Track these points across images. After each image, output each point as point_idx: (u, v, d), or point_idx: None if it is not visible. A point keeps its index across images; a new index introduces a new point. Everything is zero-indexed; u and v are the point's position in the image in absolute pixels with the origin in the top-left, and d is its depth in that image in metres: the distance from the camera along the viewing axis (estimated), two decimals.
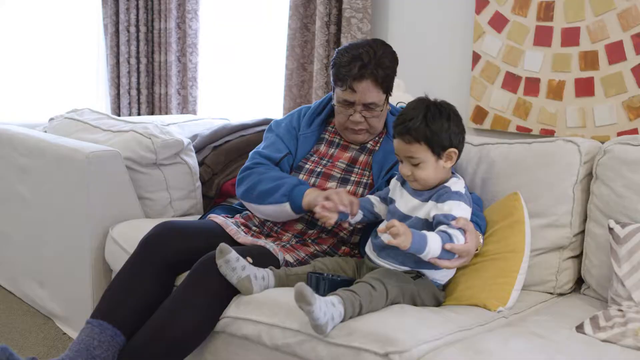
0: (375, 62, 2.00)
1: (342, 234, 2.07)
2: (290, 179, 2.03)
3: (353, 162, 2.14)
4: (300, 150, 2.18)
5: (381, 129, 2.16)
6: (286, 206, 1.99)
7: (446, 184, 1.79)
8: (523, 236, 1.92)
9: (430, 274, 1.82)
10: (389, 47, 2.09)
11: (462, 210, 1.75)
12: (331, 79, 2.09)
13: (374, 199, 1.96)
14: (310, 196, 1.95)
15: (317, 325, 1.56)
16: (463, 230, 1.72)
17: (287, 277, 1.85)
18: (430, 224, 1.76)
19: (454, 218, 1.72)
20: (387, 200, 1.91)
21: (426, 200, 1.79)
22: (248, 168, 2.14)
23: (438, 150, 1.75)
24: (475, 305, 1.83)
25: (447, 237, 1.69)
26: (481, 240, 1.90)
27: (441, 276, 1.85)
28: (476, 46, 2.63)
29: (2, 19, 4.14)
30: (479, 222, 1.95)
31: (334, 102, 2.10)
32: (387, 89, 2.06)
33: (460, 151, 1.80)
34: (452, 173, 1.85)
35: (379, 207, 1.94)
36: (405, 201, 1.83)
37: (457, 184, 1.79)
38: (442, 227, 1.71)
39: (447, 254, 1.70)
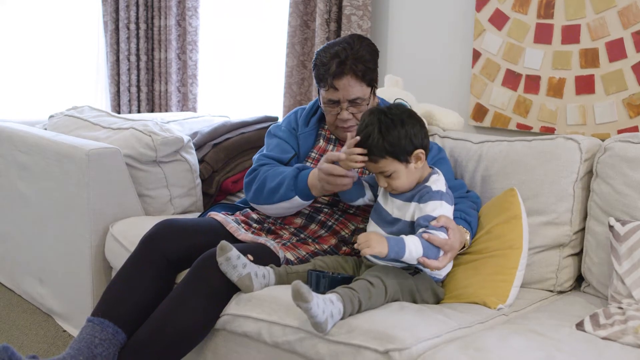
0: (353, 57, 1.99)
1: (343, 233, 2.07)
2: (289, 171, 2.01)
3: None
4: (303, 149, 2.18)
5: None
6: (296, 199, 1.98)
7: (427, 183, 1.80)
8: (520, 232, 1.92)
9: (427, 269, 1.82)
10: (367, 40, 2.08)
11: (444, 209, 1.76)
12: (314, 81, 2.09)
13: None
14: (314, 187, 1.94)
15: (317, 323, 1.56)
16: (445, 229, 1.73)
17: (287, 275, 1.85)
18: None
19: (433, 219, 1.73)
20: (373, 188, 1.93)
21: (409, 200, 1.80)
22: (253, 170, 2.13)
23: (404, 157, 1.75)
24: (475, 302, 1.84)
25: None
26: (468, 238, 1.90)
27: (438, 270, 1.85)
28: (476, 44, 2.63)
29: (2, 17, 4.14)
30: (470, 219, 1.96)
31: (321, 104, 2.10)
32: (370, 82, 2.04)
33: (426, 148, 1.80)
34: (431, 168, 1.86)
35: (366, 186, 1.94)
36: (391, 204, 1.84)
37: (437, 183, 1.80)
38: (423, 229, 1.73)
39: (432, 252, 1.70)
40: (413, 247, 1.68)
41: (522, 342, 1.52)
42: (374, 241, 1.66)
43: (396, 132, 1.73)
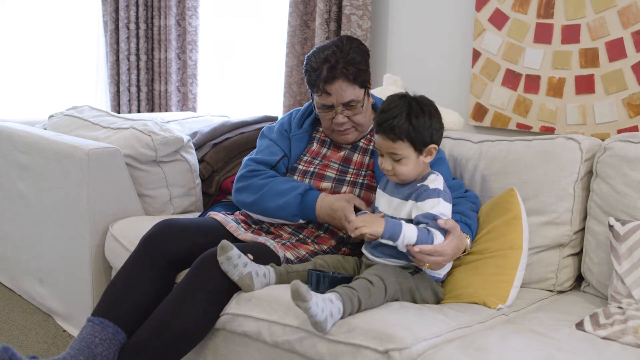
0: (344, 60, 1.98)
1: (342, 234, 2.07)
2: (293, 197, 2.01)
3: (346, 161, 2.13)
4: (294, 152, 2.18)
5: (369, 124, 2.15)
6: (300, 222, 2.04)
7: (424, 183, 1.80)
8: (520, 232, 1.92)
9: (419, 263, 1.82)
10: (357, 41, 2.07)
11: (442, 207, 1.77)
12: (307, 86, 2.09)
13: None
14: (319, 217, 1.99)
15: (316, 322, 1.56)
16: (445, 231, 1.74)
17: (287, 275, 1.85)
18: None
19: (433, 217, 1.74)
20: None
21: (406, 199, 1.80)
22: (243, 177, 2.14)
23: (420, 147, 1.77)
24: (475, 302, 1.84)
25: (426, 233, 1.72)
26: (468, 242, 1.90)
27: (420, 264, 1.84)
28: (476, 43, 2.63)
29: (2, 17, 4.14)
30: (469, 222, 1.95)
31: (315, 109, 2.10)
32: (363, 84, 2.04)
33: (439, 145, 1.83)
34: (430, 169, 1.87)
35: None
36: (387, 202, 1.85)
37: (435, 182, 1.80)
38: (423, 226, 1.74)
39: (425, 238, 1.72)
40: (408, 234, 1.70)
41: (522, 342, 1.52)
42: (369, 221, 1.69)
43: (423, 121, 1.76)
